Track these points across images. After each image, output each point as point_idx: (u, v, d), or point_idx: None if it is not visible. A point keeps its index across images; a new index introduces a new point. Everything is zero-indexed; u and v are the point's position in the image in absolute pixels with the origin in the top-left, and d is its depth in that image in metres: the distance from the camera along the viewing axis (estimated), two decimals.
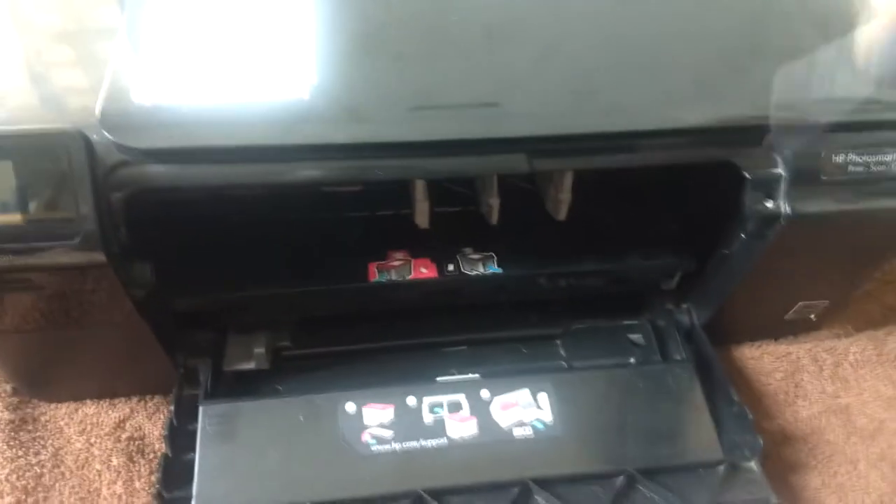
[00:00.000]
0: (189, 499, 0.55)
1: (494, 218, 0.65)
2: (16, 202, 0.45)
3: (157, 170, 0.48)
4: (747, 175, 0.54)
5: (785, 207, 0.53)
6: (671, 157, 0.54)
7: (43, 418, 0.66)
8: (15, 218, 0.45)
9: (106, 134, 0.46)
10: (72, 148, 0.45)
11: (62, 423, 0.65)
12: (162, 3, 0.55)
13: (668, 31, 0.57)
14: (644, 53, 0.55)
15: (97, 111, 0.47)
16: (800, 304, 0.69)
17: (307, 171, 0.50)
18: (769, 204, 0.54)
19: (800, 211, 0.53)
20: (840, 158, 0.53)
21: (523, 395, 0.61)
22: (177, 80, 0.50)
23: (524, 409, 0.60)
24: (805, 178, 0.53)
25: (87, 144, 0.46)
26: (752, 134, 0.53)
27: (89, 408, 0.66)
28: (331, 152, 0.49)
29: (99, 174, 0.46)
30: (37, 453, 0.63)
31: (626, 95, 0.53)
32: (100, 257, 0.48)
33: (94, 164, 0.46)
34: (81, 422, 0.65)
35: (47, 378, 0.65)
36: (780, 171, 0.53)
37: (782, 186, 0.54)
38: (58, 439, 0.64)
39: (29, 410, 0.66)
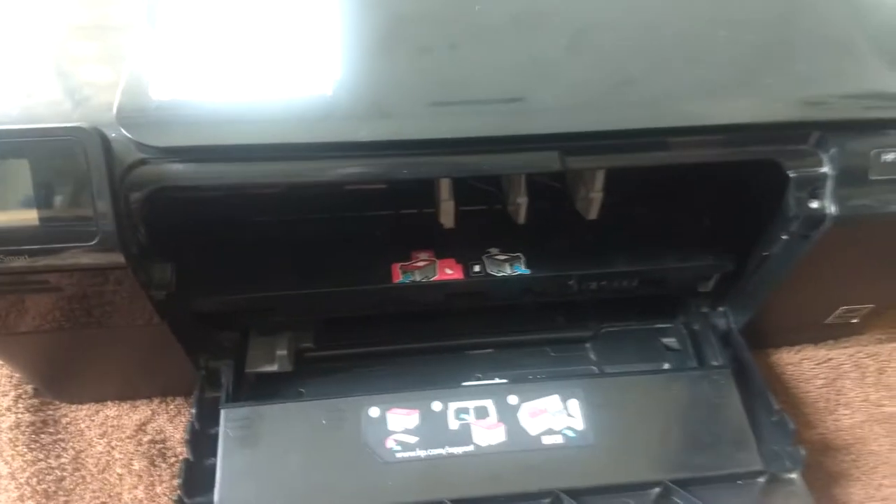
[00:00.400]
0: None
1: (522, 217, 0.63)
2: (33, 202, 0.44)
3: (176, 168, 0.46)
4: (791, 174, 0.51)
5: (831, 208, 0.51)
6: (712, 154, 0.51)
7: (64, 420, 0.65)
8: (32, 218, 0.44)
9: (124, 131, 0.45)
10: (89, 146, 0.44)
11: (83, 425, 0.65)
12: None
13: (708, 18, 0.54)
14: (683, 43, 0.53)
15: (115, 108, 0.46)
16: (842, 307, 0.66)
17: (330, 170, 0.48)
18: (814, 204, 0.51)
19: (846, 211, 0.51)
20: (890, 157, 0.50)
21: (553, 401, 0.59)
22: (196, 77, 0.48)
23: (554, 416, 0.58)
24: (853, 177, 0.50)
25: (105, 142, 0.44)
26: (797, 131, 0.50)
27: (111, 409, 0.66)
28: (355, 150, 0.48)
29: (117, 173, 0.45)
30: (58, 456, 0.62)
31: (663, 89, 0.50)
32: (118, 258, 0.46)
33: (111, 162, 0.45)
34: (102, 424, 0.65)
35: (68, 379, 0.64)
36: (826, 169, 0.51)
37: (828, 186, 0.51)
38: (79, 442, 0.63)
39: (50, 412, 0.65)
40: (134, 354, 0.61)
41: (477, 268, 0.63)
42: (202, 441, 0.59)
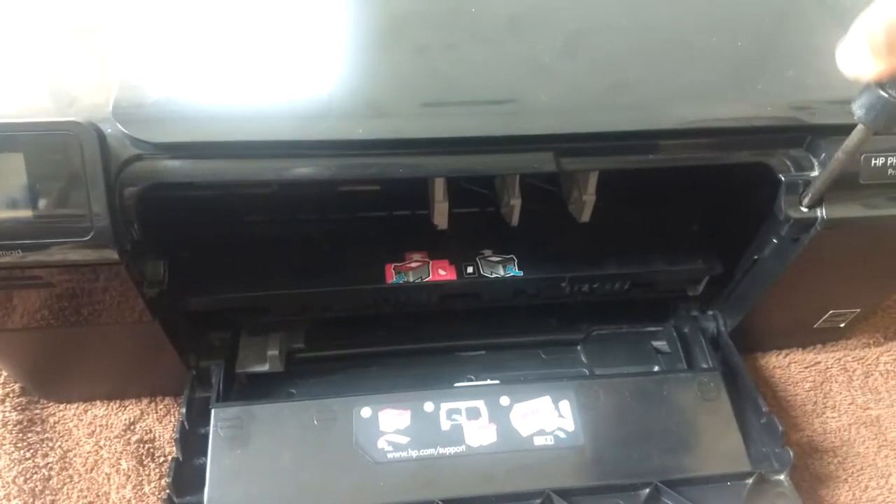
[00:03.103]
0: None
1: (515, 219, 0.63)
2: (27, 196, 0.44)
3: (171, 164, 0.46)
4: (782, 178, 0.52)
5: (821, 212, 0.51)
6: (703, 157, 0.52)
7: (52, 419, 0.64)
8: (26, 213, 0.44)
9: (119, 127, 0.45)
10: (84, 141, 0.44)
11: (71, 424, 0.64)
12: None
13: (702, 23, 0.55)
14: (676, 47, 0.54)
15: (111, 104, 0.45)
16: (830, 311, 0.67)
17: (326, 168, 0.48)
18: (804, 208, 0.52)
19: (837, 216, 0.51)
20: (880, 161, 0.51)
21: (544, 402, 0.59)
22: (192, 74, 0.48)
23: (545, 418, 0.58)
24: (843, 181, 0.50)
25: (101, 137, 0.44)
26: (788, 135, 0.51)
27: (99, 409, 0.65)
28: (351, 148, 0.48)
29: (112, 168, 0.45)
30: (45, 455, 0.61)
31: (657, 92, 0.51)
32: (112, 254, 0.46)
33: (106, 157, 0.44)
34: (91, 423, 0.64)
35: (57, 378, 0.63)
36: (817, 173, 0.51)
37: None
38: (66, 441, 0.63)
39: (38, 411, 0.65)
40: (124, 353, 0.60)
41: (470, 269, 0.63)
42: (192, 440, 0.58)
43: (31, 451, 0.61)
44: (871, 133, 0.43)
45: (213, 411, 0.58)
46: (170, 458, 0.62)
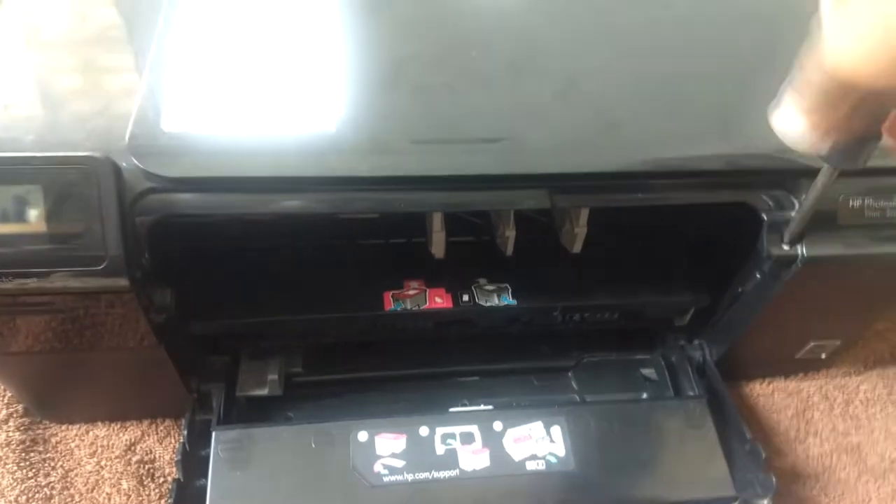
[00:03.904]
0: None
1: (510, 249, 0.65)
2: (44, 226, 0.46)
3: (183, 197, 0.48)
4: (764, 216, 0.54)
5: (801, 250, 0.54)
6: (690, 197, 0.54)
7: (54, 439, 0.65)
8: (43, 242, 0.46)
9: (135, 161, 0.47)
10: (101, 174, 0.45)
11: (73, 444, 0.65)
12: (192, 32, 0.55)
13: (690, 68, 0.58)
14: (666, 91, 0.56)
15: (126, 138, 0.47)
16: (811, 343, 0.69)
17: (330, 202, 0.50)
18: (786, 246, 0.54)
19: (816, 254, 0.54)
20: (857, 203, 0.53)
21: (536, 427, 0.61)
22: (205, 110, 0.50)
23: (537, 443, 0.60)
24: (821, 221, 0.53)
25: (116, 171, 0.46)
26: (771, 178, 0.53)
27: (100, 430, 0.66)
28: (355, 184, 0.50)
29: (126, 200, 0.47)
30: (47, 475, 0.63)
31: (647, 134, 0.54)
32: (123, 282, 0.48)
33: (121, 190, 0.46)
34: (92, 444, 0.65)
35: (59, 399, 0.65)
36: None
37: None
38: (68, 461, 0.64)
39: (40, 431, 0.66)
40: (127, 376, 0.62)
41: (466, 297, 0.65)
42: (192, 462, 0.59)
43: (34, 470, 0.63)
44: (835, 173, 0.46)
45: (214, 433, 0.59)
46: (169, 478, 0.64)
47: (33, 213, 0.45)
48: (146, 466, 0.64)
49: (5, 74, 0.53)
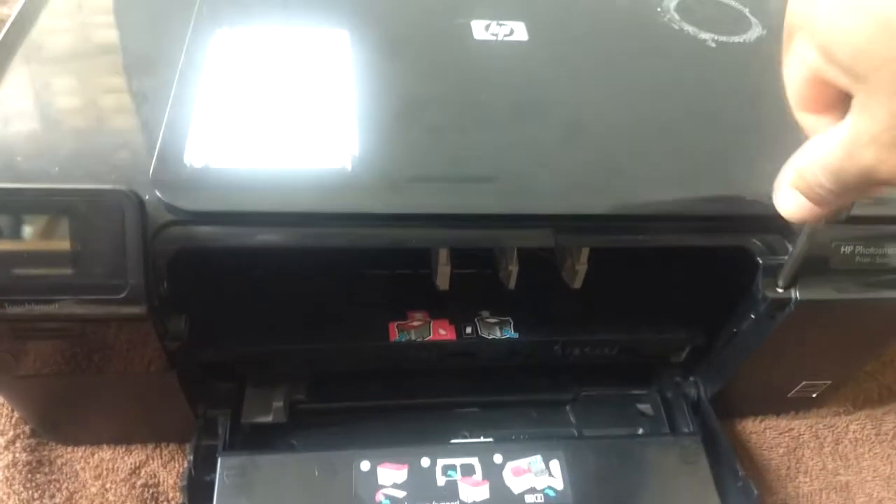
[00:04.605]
0: None
1: (512, 283, 0.67)
2: (68, 255, 0.47)
3: (203, 230, 0.50)
4: (759, 260, 0.56)
5: (795, 293, 0.56)
6: (688, 239, 0.56)
7: (59, 461, 0.66)
8: (66, 269, 0.47)
9: (158, 194, 0.49)
10: (126, 206, 0.47)
11: (78, 466, 0.66)
12: (214, 69, 0.58)
13: (690, 117, 0.60)
14: (665, 137, 0.59)
15: (150, 172, 0.49)
16: (803, 383, 0.71)
17: (344, 238, 0.52)
18: (780, 289, 0.56)
19: (809, 297, 0.56)
20: (848, 249, 0.56)
21: (535, 461, 0.62)
22: (227, 145, 0.52)
23: (536, 476, 0.62)
24: (814, 266, 0.55)
25: (140, 204, 0.48)
26: (764, 221, 0.55)
27: (106, 452, 0.67)
28: (370, 220, 0.52)
29: (148, 232, 0.48)
30: (52, 496, 0.63)
31: (647, 178, 0.56)
32: (142, 310, 0.49)
33: (144, 222, 0.48)
34: (97, 466, 0.66)
35: (67, 421, 0.66)
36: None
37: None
38: (73, 483, 0.65)
39: (46, 453, 0.67)
40: (135, 401, 0.63)
41: (469, 329, 0.66)
42: (197, 487, 0.60)
43: (39, 491, 0.63)
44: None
45: (219, 459, 0.60)
46: (173, 503, 0.64)
47: (59, 243, 0.47)
48: (150, 490, 0.65)
49: (32, 105, 0.55)
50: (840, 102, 0.36)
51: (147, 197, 0.49)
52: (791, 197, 0.41)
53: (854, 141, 0.34)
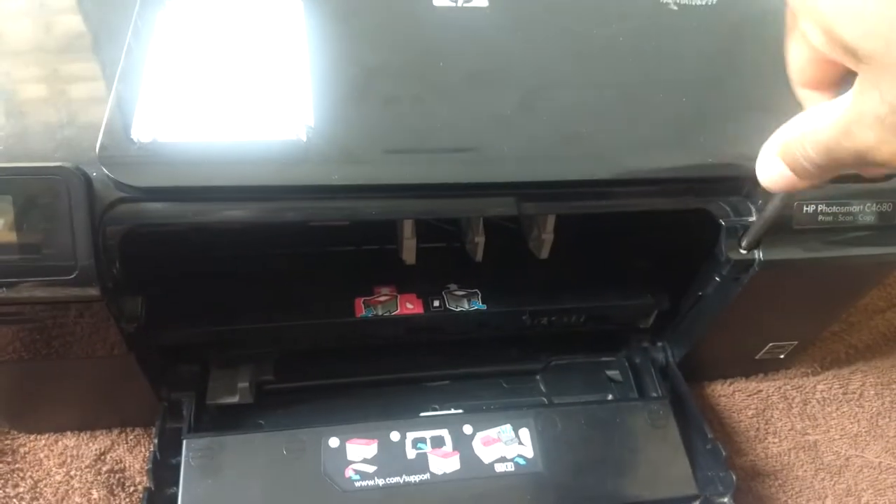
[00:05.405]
0: None
1: (479, 255, 0.67)
2: (14, 236, 0.46)
3: (154, 207, 0.48)
4: (722, 223, 0.56)
5: (759, 254, 0.56)
6: (651, 203, 0.56)
7: (22, 450, 0.65)
8: (12, 252, 0.46)
9: (105, 171, 0.47)
10: (71, 184, 0.46)
11: (42, 454, 0.65)
12: (163, 42, 0.56)
13: (651, 80, 0.59)
14: (626, 102, 0.58)
15: (97, 148, 0.48)
16: (770, 344, 0.72)
17: (301, 211, 0.51)
18: (743, 251, 0.56)
19: (773, 258, 0.56)
20: (811, 209, 0.56)
21: (505, 430, 0.62)
22: (176, 119, 0.51)
23: (506, 445, 0.62)
24: (778, 226, 0.55)
25: (87, 181, 0.46)
26: (727, 184, 0.55)
27: (69, 440, 0.66)
28: (327, 193, 0.51)
29: (97, 210, 0.47)
30: (15, 486, 0.62)
31: (608, 144, 0.55)
32: (94, 292, 0.48)
33: (91, 200, 0.46)
34: (61, 454, 0.65)
35: (28, 409, 0.64)
36: (754, 219, 0.56)
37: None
38: (37, 471, 0.64)
39: (8, 442, 0.65)
40: (97, 386, 0.61)
41: (436, 303, 0.66)
42: (163, 471, 0.59)
43: (2, 481, 0.62)
44: None
45: (184, 442, 0.59)
46: (140, 487, 0.63)
47: (2, 224, 0.45)
48: (116, 476, 0.64)
49: None
50: (843, 80, 0.35)
51: (94, 174, 0.47)
52: (774, 167, 0.40)
53: (856, 120, 0.33)
